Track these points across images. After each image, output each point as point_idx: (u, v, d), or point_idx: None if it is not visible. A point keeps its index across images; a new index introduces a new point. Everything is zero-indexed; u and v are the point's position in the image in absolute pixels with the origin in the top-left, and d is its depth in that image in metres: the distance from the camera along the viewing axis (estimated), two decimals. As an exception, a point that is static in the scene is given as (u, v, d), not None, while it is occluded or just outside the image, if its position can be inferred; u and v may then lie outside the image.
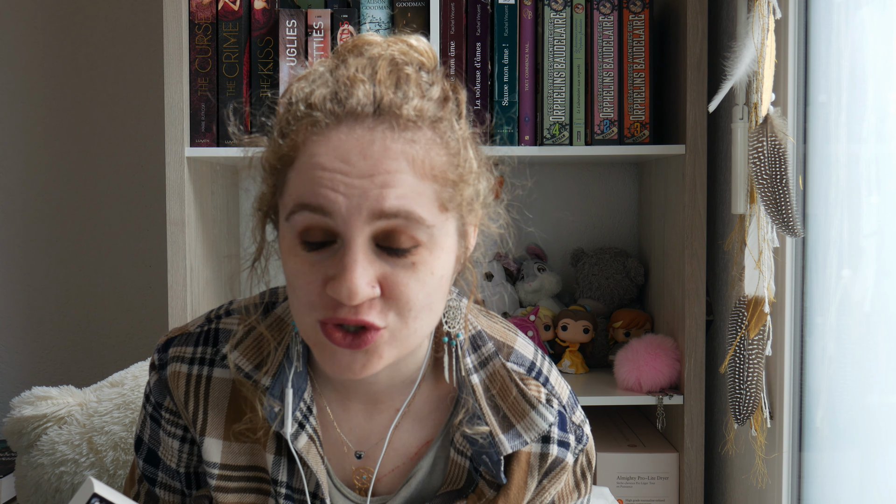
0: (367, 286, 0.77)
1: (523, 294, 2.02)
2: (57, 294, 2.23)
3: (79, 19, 2.21)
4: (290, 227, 0.81)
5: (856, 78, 1.30)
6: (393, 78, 0.82)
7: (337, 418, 0.95)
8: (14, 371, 2.24)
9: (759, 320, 1.41)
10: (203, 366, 0.94)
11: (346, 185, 0.77)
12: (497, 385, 0.94)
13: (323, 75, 0.84)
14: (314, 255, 0.80)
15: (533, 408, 0.93)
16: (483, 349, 0.95)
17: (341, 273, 0.77)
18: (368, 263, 0.78)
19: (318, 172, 0.78)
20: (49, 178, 2.22)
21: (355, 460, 0.96)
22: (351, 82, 0.81)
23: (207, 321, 0.97)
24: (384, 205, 0.77)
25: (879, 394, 1.25)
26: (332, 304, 0.79)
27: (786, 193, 1.33)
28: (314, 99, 0.81)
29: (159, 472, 0.99)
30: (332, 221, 0.78)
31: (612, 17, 1.74)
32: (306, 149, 0.80)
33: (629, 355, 1.78)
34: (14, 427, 1.34)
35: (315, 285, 0.79)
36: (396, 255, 0.79)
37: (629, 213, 2.15)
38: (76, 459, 1.31)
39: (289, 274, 0.82)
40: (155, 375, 0.96)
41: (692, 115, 1.69)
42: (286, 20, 1.72)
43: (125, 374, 1.41)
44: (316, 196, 0.78)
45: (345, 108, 0.80)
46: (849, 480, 1.33)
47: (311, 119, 0.81)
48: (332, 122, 0.80)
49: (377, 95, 0.81)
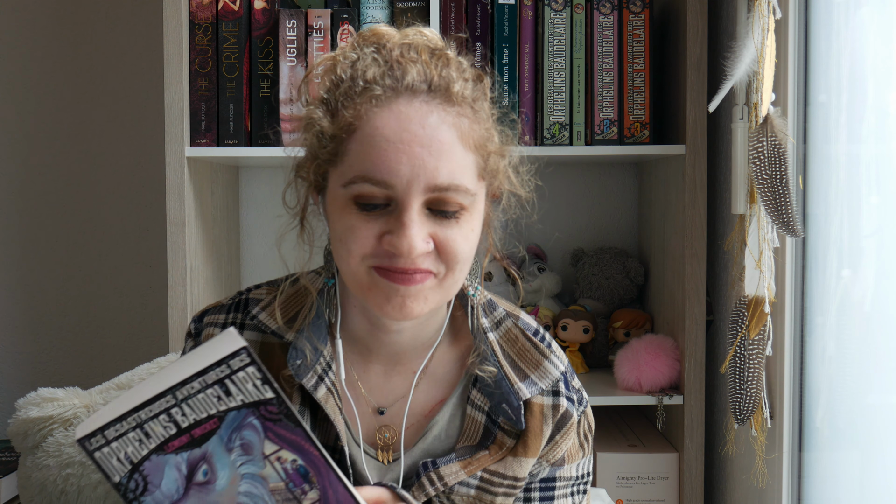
0: (422, 242, 0.89)
1: (523, 294, 2.02)
2: (57, 294, 2.23)
3: (79, 19, 2.21)
4: (345, 192, 0.90)
5: (856, 78, 1.30)
6: (437, 60, 0.93)
7: (360, 377, 1.04)
8: (14, 371, 2.24)
9: (760, 320, 1.41)
10: (235, 328, 1.02)
11: (408, 154, 0.87)
12: (510, 341, 1.04)
13: (368, 55, 0.93)
14: (368, 214, 0.90)
15: (545, 358, 1.03)
16: (495, 313, 1.07)
17: (400, 229, 0.88)
18: (422, 223, 0.89)
19: (381, 143, 0.88)
20: (49, 178, 2.22)
21: (378, 417, 1.03)
22: (403, 61, 0.91)
23: (238, 294, 1.07)
24: (438, 180, 0.88)
25: (879, 394, 1.25)
26: (388, 254, 0.89)
27: (786, 193, 1.33)
28: (370, 75, 0.91)
29: None
30: (391, 192, 0.88)
31: (612, 17, 1.74)
32: (369, 120, 0.89)
33: (629, 355, 1.78)
34: (20, 428, 1.34)
35: (370, 238, 0.90)
36: (445, 217, 0.91)
37: (629, 213, 2.15)
38: (83, 462, 1.31)
39: (341, 229, 0.91)
40: (191, 342, 1.05)
41: (692, 115, 1.69)
42: (286, 20, 1.72)
43: (131, 375, 1.41)
44: (379, 170, 0.87)
45: (402, 84, 0.90)
46: (849, 480, 1.33)
47: (371, 93, 0.90)
48: (391, 95, 0.90)
49: (428, 74, 0.91)
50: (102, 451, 0.73)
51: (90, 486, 1.30)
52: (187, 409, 0.71)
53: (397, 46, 0.93)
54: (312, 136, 0.93)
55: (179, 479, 0.73)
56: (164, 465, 0.72)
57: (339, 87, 0.93)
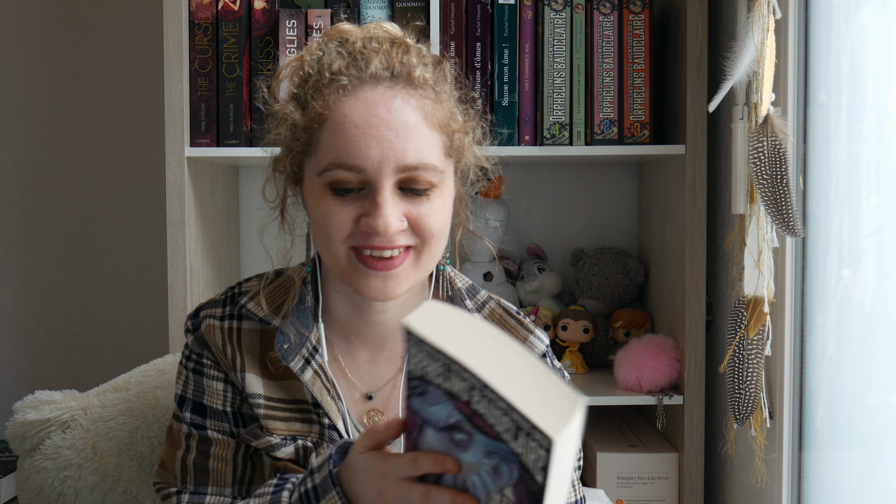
0: (396, 220, 0.94)
1: (523, 294, 2.02)
2: (57, 294, 2.23)
3: (79, 19, 2.21)
4: (321, 180, 0.95)
5: (856, 78, 1.30)
6: (398, 49, 0.98)
7: (348, 364, 1.08)
8: (14, 371, 2.24)
9: (759, 320, 1.41)
10: (232, 320, 1.07)
11: (377, 137, 0.93)
12: (496, 319, 1.11)
13: (331, 52, 0.99)
14: (344, 199, 0.95)
15: (531, 333, 1.11)
16: (478, 296, 1.13)
17: (375, 210, 0.93)
18: (395, 203, 0.94)
19: (351, 130, 0.93)
20: (49, 178, 2.22)
21: (367, 402, 1.07)
22: (366, 52, 0.97)
23: (230, 289, 1.11)
24: (407, 160, 0.93)
25: (879, 394, 1.25)
26: (366, 235, 0.94)
27: (786, 193, 1.33)
28: (335, 67, 0.96)
29: (207, 420, 1.06)
30: (364, 175, 0.93)
31: (612, 17, 1.74)
32: (338, 109, 0.94)
33: (629, 355, 1.78)
34: (17, 431, 1.34)
35: (348, 221, 0.95)
36: (416, 195, 0.96)
37: (629, 213, 2.15)
38: (80, 464, 1.30)
39: (320, 215, 0.96)
40: (191, 336, 1.08)
41: (692, 115, 1.69)
42: (286, 20, 1.72)
43: (129, 378, 1.40)
44: (351, 155, 0.93)
45: (366, 73, 0.96)
46: (849, 480, 1.33)
47: (337, 83, 0.95)
48: (357, 84, 0.95)
49: (390, 62, 0.97)
50: (413, 349, 0.73)
51: (87, 488, 1.30)
52: (483, 402, 0.69)
53: (360, 39, 0.99)
54: (286, 130, 0.99)
55: (444, 419, 0.73)
56: (441, 402, 0.72)
57: (308, 82, 0.98)
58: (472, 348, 0.70)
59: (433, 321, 0.73)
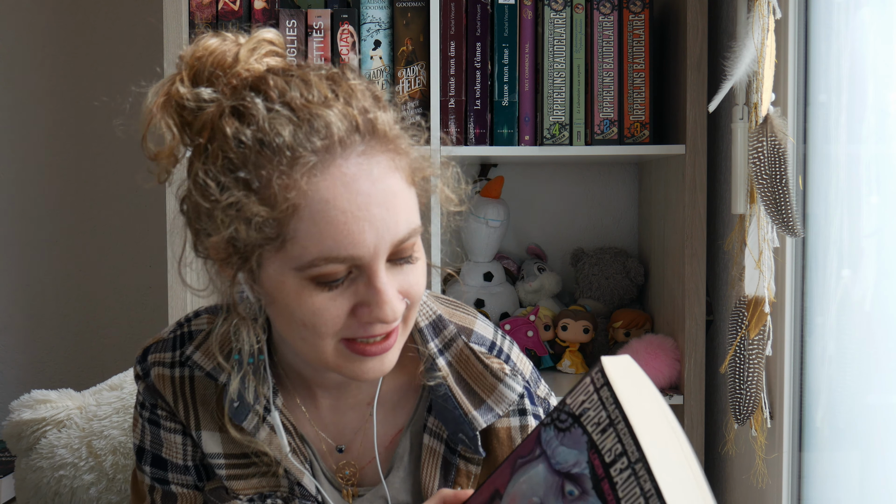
0: (400, 302, 0.82)
1: (523, 294, 2.02)
2: (57, 294, 2.23)
3: (79, 19, 2.21)
4: (300, 274, 0.79)
5: (856, 78, 1.30)
6: (344, 93, 0.81)
7: (311, 415, 0.97)
8: (14, 371, 2.24)
9: (760, 320, 1.41)
10: (184, 367, 0.96)
11: (369, 219, 0.77)
12: (463, 364, 0.96)
13: (256, 108, 0.78)
14: (333, 290, 0.80)
15: (500, 381, 0.95)
16: (445, 332, 0.97)
17: (376, 298, 0.79)
18: (391, 281, 0.81)
19: (338, 217, 0.77)
20: (49, 178, 2.22)
21: (337, 455, 0.98)
22: (314, 109, 0.78)
23: (178, 326, 0.99)
24: (401, 234, 0.80)
25: (879, 394, 1.25)
26: (363, 325, 0.81)
27: (786, 193, 1.33)
28: (290, 139, 0.77)
29: (169, 473, 0.99)
30: (357, 262, 0.79)
31: (612, 17, 1.74)
32: (314, 194, 0.77)
33: (629, 355, 1.78)
34: (13, 430, 1.34)
35: (341, 315, 0.80)
36: (407, 262, 0.83)
37: (629, 213, 2.14)
38: (75, 463, 1.31)
39: (303, 314, 0.80)
40: (142, 384, 0.98)
41: (692, 115, 1.69)
42: (286, 20, 1.72)
43: (124, 377, 1.41)
44: (343, 247, 0.77)
45: (333, 141, 0.78)
46: (849, 480, 1.33)
47: (303, 162, 0.76)
48: (327, 158, 0.77)
49: (350, 116, 0.79)
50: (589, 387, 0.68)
51: (83, 487, 1.30)
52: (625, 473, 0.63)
53: (283, 83, 0.80)
54: (235, 221, 0.78)
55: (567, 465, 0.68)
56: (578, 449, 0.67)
57: (252, 159, 0.78)
58: (645, 421, 0.64)
59: (625, 374, 0.67)
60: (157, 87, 0.84)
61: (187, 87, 0.83)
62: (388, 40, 1.74)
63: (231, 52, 0.84)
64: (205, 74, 0.83)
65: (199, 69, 0.83)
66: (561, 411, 0.70)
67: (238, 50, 0.84)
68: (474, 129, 1.74)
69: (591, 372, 0.68)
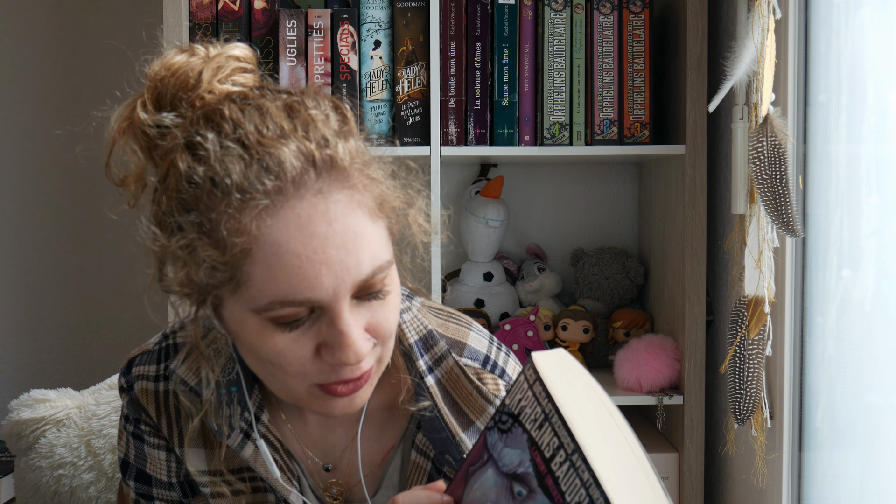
0: (366, 343, 0.78)
1: (523, 294, 2.02)
2: (57, 294, 2.23)
3: (79, 19, 2.21)
4: (259, 316, 0.76)
5: (856, 78, 1.30)
6: (298, 124, 0.76)
7: (297, 432, 0.95)
8: (14, 371, 2.24)
9: (759, 320, 1.41)
10: (168, 381, 0.93)
11: (325, 262, 0.73)
12: (453, 383, 0.93)
13: (210, 144, 0.74)
14: (296, 331, 0.76)
15: (490, 403, 0.92)
16: (435, 349, 0.94)
17: (340, 339, 0.76)
18: (357, 322, 0.77)
19: (292, 260, 0.73)
20: (49, 178, 2.22)
21: (325, 473, 0.95)
22: (268, 145, 0.74)
23: (164, 338, 0.97)
24: (364, 274, 0.76)
25: (879, 394, 1.25)
26: (330, 368, 0.78)
27: (786, 193, 1.33)
28: (240, 180, 0.73)
29: (153, 489, 0.97)
30: (317, 304, 0.75)
31: (612, 17, 1.74)
32: (266, 238, 0.73)
33: (629, 355, 1.78)
34: (12, 430, 1.34)
35: (306, 357, 0.77)
36: (375, 298, 0.79)
37: (629, 213, 2.14)
38: (74, 462, 1.31)
39: (266, 353, 0.77)
40: (126, 397, 0.96)
41: (692, 115, 1.69)
42: (286, 20, 1.72)
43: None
44: (299, 290, 0.73)
45: (286, 181, 0.73)
46: (849, 480, 1.33)
47: (254, 204, 0.73)
48: (280, 199, 0.73)
49: (305, 152, 0.74)
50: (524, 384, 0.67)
51: (82, 486, 1.30)
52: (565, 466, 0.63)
53: (239, 114, 0.76)
54: (188, 262, 0.76)
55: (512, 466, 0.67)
56: (520, 448, 0.66)
57: (203, 200, 0.74)
58: (580, 411, 0.64)
59: (557, 368, 0.67)
60: (119, 110, 0.82)
61: (150, 111, 0.80)
62: (388, 40, 1.74)
63: (195, 71, 0.80)
64: (167, 97, 0.81)
65: (161, 91, 0.81)
66: (501, 412, 0.69)
67: (202, 69, 0.80)
68: (474, 129, 1.74)
69: (525, 369, 0.68)
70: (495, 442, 0.69)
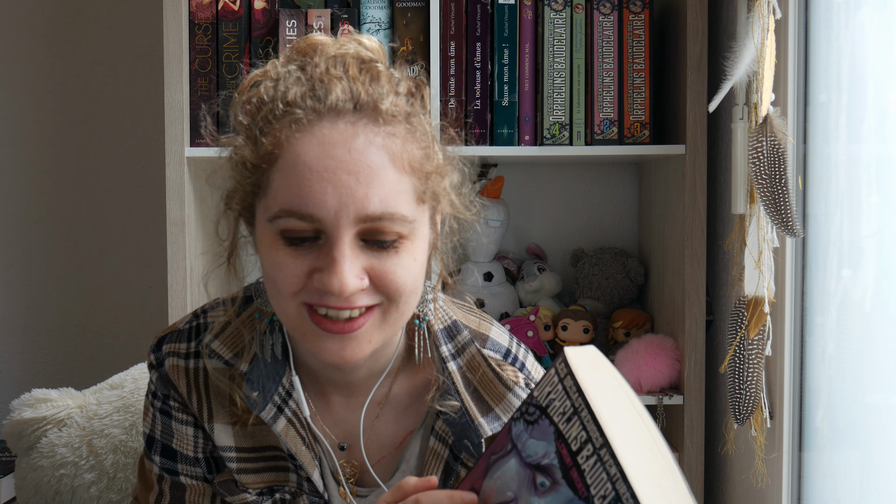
0: (355, 278, 0.81)
1: (523, 294, 2.02)
2: (57, 294, 2.23)
3: (79, 19, 2.21)
4: (271, 226, 0.83)
5: (856, 78, 1.30)
6: (366, 75, 0.85)
7: (319, 411, 0.98)
8: (14, 371, 2.24)
9: (759, 320, 1.41)
10: (199, 359, 0.97)
11: (333, 182, 0.79)
12: (474, 371, 0.96)
13: (291, 73, 0.85)
14: (297, 249, 0.82)
15: (509, 390, 0.96)
16: (459, 337, 0.98)
17: (330, 266, 0.81)
18: (355, 257, 0.81)
19: (305, 173, 0.80)
20: (49, 178, 2.22)
21: (340, 452, 0.98)
22: (327, 79, 0.83)
23: (195, 317, 1.00)
24: (369, 209, 0.80)
25: (879, 394, 1.25)
26: (320, 292, 0.82)
27: (786, 193, 1.33)
28: (291, 97, 0.83)
29: (178, 464, 0.99)
30: (319, 225, 0.81)
31: (612, 17, 1.74)
32: (290, 147, 0.81)
33: (629, 355, 1.78)
34: (14, 429, 1.34)
35: (300, 276, 0.82)
36: (382, 248, 0.83)
37: (629, 213, 2.15)
38: (76, 462, 1.31)
39: (269, 267, 0.84)
40: (155, 373, 0.98)
41: (692, 115, 1.69)
42: (286, 20, 1.72)
43: (124, 376, 1.41)
44: (304, 203, 0.80)
45: (325, 105, 0.82)
46: (849, 480, 1.33)
47: (292, 117, 0.82)
48: (313, 118, 0.82)
49: (354, 91, 0.83)
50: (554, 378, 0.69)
51: (83, 486, 1.30)
52: (592, 460, 0.63)
53: (324, 61, 0.86)
54: (236, 165, 0.86)
55: (537, 457, 0.68)
56: (546, 440, 0.67)
57: (261, 111, 0.85)
58: (609, 408, 0.65)
59: (588, 364, 0.68)
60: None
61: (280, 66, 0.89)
62: (388, 40, 1.74)
63: (324, 44, 0.89)
64: (297, 59, 0.90)
65: (293, 56, 0.90)
66: (529, 404, 0.71)
67: (330, 43, 0.90)
68: (474, 129, 1.74)
69: (556, 363, 0.69)
70: (520, 433, 0.70)
